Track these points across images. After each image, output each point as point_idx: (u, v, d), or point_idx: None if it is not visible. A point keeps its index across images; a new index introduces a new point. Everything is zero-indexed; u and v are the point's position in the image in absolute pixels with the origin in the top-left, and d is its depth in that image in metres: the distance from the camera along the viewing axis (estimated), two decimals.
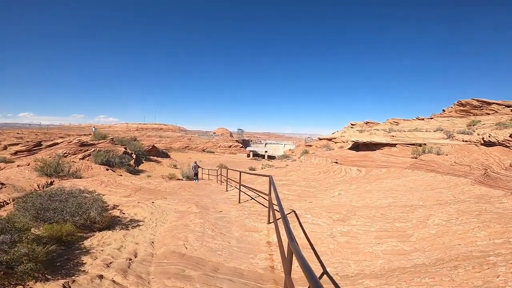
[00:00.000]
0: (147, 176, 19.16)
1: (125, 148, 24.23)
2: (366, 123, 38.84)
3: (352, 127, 39.34)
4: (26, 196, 5.63)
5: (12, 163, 16.80)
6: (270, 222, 5.42)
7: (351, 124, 41.27)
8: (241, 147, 67.27)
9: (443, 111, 28.91)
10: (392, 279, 3.00)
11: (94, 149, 20.83)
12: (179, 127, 79.07)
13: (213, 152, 62.37)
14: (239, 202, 7.60)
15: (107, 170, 17.19)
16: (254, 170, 24.21)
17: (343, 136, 31.82)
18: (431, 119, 28.24)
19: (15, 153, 20.53)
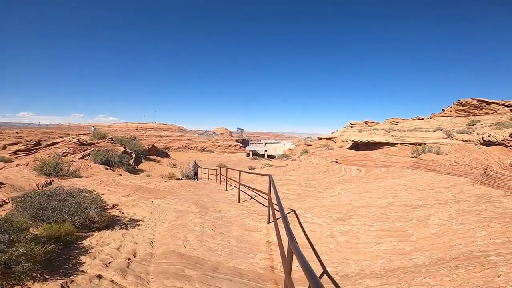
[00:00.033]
0: (147, 176, 19.14)
1: (124, 147, 24.20)
2: (366, 123, 38.87)
3: (351, 127, 39.36)
4: (25, 196, 5.61)
5: (11, 162, 16.80)
6: (270, 222, 5.40)
7: (351, 124, 41.30)
8: (240, 147, 67.20)
9: (443, 110, 28.93)
10: (393, 279, 2.99)
11: (93, 148, 20.78)
12: (178, 127, 78.95)
13: (212, 152, 62.32)
14: (239, 202, 7.58)
15: (107, 169, 17.17)
16: (254, 169, 24.20)
17: (343, 136, 31.83)
18: (430, 118, 28.24)
19: (14, 152, 20.51)
